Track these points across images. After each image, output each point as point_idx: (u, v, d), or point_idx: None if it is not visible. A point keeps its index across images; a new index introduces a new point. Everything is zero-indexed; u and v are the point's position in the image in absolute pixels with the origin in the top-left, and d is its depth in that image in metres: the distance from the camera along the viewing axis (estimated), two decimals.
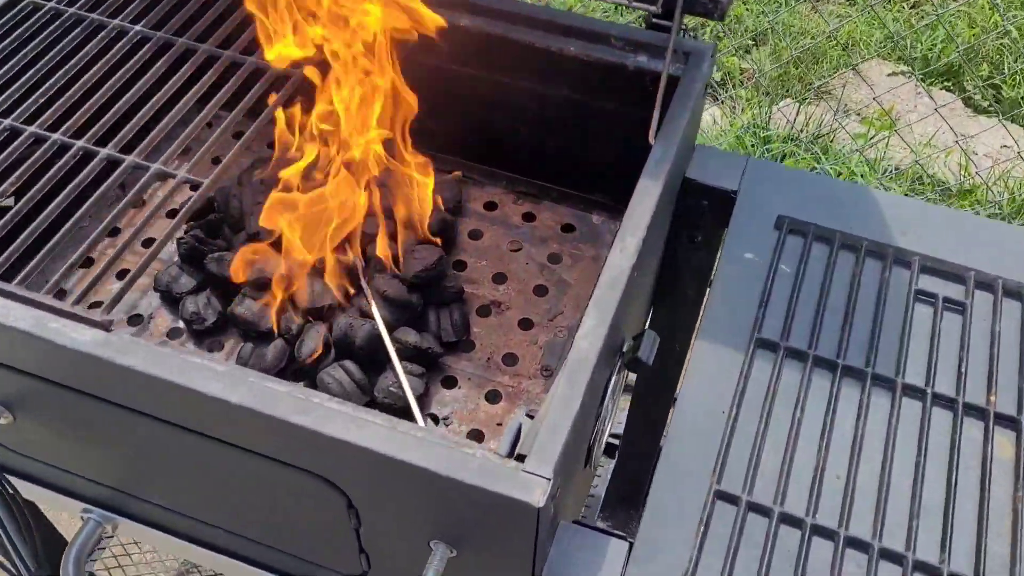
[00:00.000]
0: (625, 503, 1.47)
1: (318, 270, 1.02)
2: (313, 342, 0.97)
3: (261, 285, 1.01)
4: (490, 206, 1.21)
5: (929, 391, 0.87)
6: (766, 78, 2.64)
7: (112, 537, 1.03)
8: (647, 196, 0.86)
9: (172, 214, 1.01)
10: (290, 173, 1.00)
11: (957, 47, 2.58)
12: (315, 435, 0.69)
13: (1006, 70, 2.62)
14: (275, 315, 0.99)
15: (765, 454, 0.83)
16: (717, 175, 1.05)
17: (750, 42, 2.77)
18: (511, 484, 0.66)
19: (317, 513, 0.81)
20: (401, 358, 0.99)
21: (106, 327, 0.74)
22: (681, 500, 0.80)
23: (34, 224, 0.83)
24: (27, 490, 1.03)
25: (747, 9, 2.84)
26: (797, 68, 2.68)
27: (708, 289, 1.00)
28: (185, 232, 1.04)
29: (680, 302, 1.16)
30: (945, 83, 2.66)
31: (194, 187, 0.88)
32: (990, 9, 2.78)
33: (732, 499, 0.80)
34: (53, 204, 0.84)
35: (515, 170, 1.20)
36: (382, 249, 1.04)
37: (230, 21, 1.03)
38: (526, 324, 1.08)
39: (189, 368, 0.72)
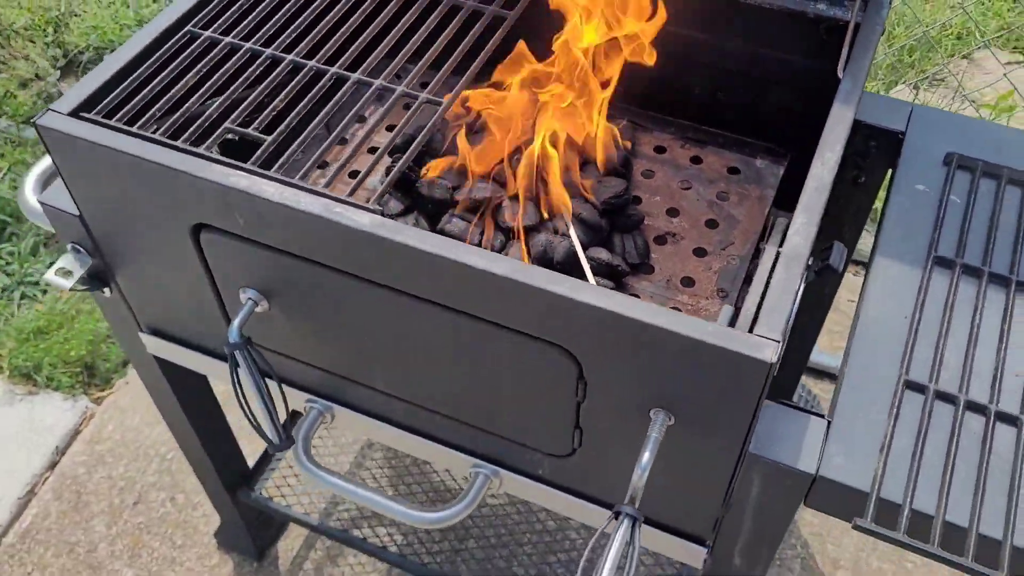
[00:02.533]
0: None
1: (518, 194, 1.14)
2: (516, 256, 1.09)
3: (469, 207, 1.14)
4: (659, 150, 1.31)
5: None
6: (880, 66, 2.69)
7: (331, 423, 1.15)
8: (841, 120, 0.95)
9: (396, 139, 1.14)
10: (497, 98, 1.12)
11: None
12: (570, 302, 0.80)
13: None
14: (482, 232, 1.11)
15: (948, 352, 0.92)
16: (886, 117, 1.14)
17: None
18: (746, 344, 0.77)
19: (545, 387, 0.92)
20: (594, 274, 1.10)
21: (381, 213, 0.87)
22: (872, 386, 0.89)
23: (304, 133, 0.96)
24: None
25: None
26: (911, 56, 2.73)
27: (879, 220, 1.09)
28: (392, 161, 1.17)
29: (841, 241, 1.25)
30: None
31: (436, 105, 1.01)
32: None
33: (920, 388, 0.89)
34: (317, 117, 0.98)
35: (684, 116, 1.30)
36: (577, 177, 1.15)
37: None
38: (700, 252, 1.18)
39: (455, 246, 0.84)
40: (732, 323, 0.90)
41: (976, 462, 0.84)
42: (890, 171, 1.15)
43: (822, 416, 0.88)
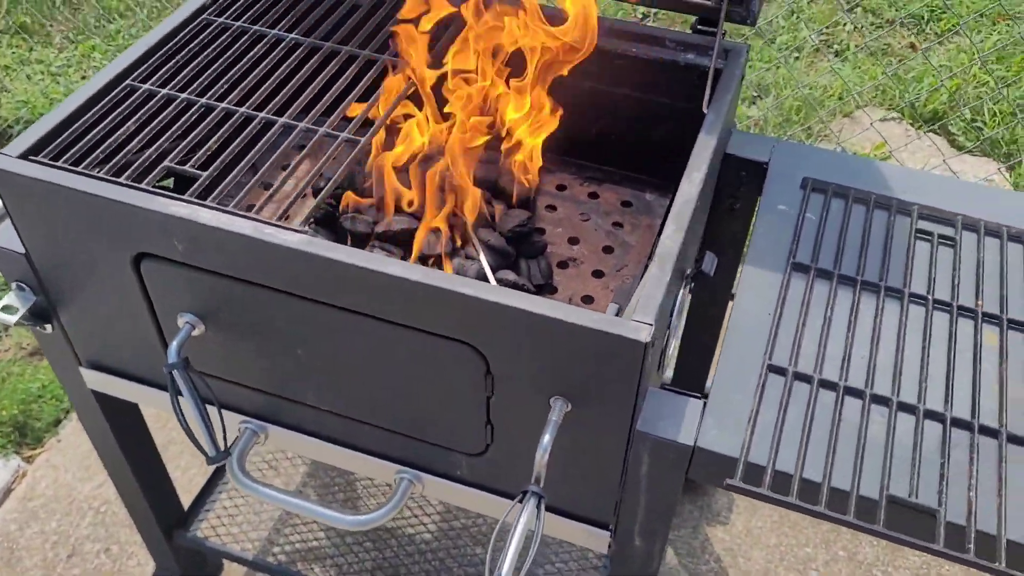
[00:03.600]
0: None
1: (432, 226, 1.26)
2: None
3: (387, 238, 1.26)
4: (561, 187, 1.46)
5: (930, 297, 1.11)
6: (770, 125, 2.93)
7: (264, 444, 1.24)
8: (706, 145, 1.11)
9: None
10: (404, 150, 1.26)
11: (941, 97, 2.89)
12: (475, 300, 0.92)
13: (986, 114, 2.92)
14: (402, 259, 1.23)
15: (804, 340, 1.06)
16: (752, 150, 1.31)
17: (755, 94, 3.08)
18: (623, 327, 0.90)
19: (457, 384, 1.03)
20: None
21: (307, 233, 0.98)
22: (742, 371, 1.03)
23: (236, 169, 1.08)
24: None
25: (750, 67, 3.16)
26: (798, 115, 2.98)
27: (748, 238, 1.24)
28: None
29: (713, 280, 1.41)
30: (932, 127, 2.96)
31: (353, 144, 1.14)
32: (969, 62, 3.11)
33: (780, 371, 1.03)
34: (245, 159, 1.10)
35: (582, 157, 1.46)
36: (487, 209, 1.29)
37: (368, 26, 1.30)
38: (598, 274, 1.32)
39: (376, 259, 0.96)
40: (617, 315, 1.03)
41: (828, 428, 0.98)
42: (759, 198, 1.31)
43: (699, 397, 1.01)
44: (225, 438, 1.16)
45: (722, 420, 0.99)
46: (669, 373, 1.71)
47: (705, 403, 1.01)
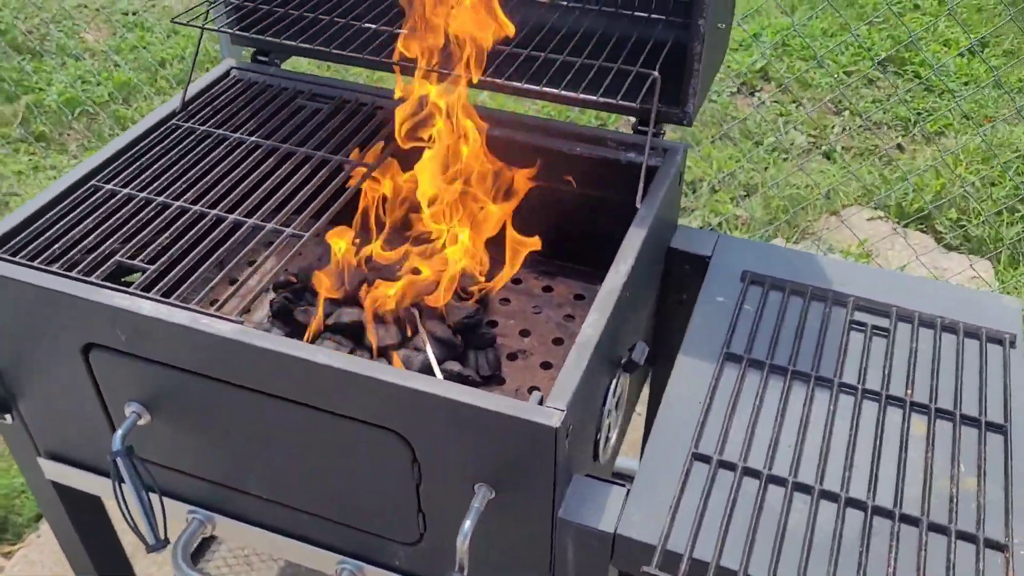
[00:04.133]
0: None
1: (382, 317, 1.30)
2: None
3: (339, 329, 1.30)
4: (516, 281, 1.50)
5: (860, 387, 1.13)
6: (757, 223, 2.98)
7: (209, 536, 1.25)
8: (635, 237, 1.15)
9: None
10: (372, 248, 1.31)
11: (927, 196, 2.94)
12: (398, 388, 0.95)
13: (971, 214, 2.96)
14: (351, 351, 1.26)
15: (732, 429, 1.08)
16: (695, 245, 1.35)
17: (743, 193, 3.14)
18: (535, 413, 0.92)
19: (386, 471, 1.05)
20: None
21: (241, 323, 1.02)
22: (667, 459, 1.04)
23: (184, 265, 1.13)
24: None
25: (739, 167, 3.23)
26: (785, 214, 3.03)
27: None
28: (275, 295, 1.34)
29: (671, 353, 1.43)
30: (919, 226, 2.99)
31: (297, 238, 1.19)
32: (954, 164, 3.16)
33: (706, 459, 1.04)
34: (191, 255, 1.15)
35: (536, 252, 1.50)
36: (434, 302, 1.32)
37: (323, 131, 1.37)
38: (547, 366, 1.35)
39: (304, 347, 1.00)
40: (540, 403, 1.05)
41: (750, 516, 0.98)
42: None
43: (623, 485, 1.02)
44: (166, 528, 1.17)
45: (644, 507, 1.00)
46: (622, 461, 1.70)
47: (629, 491, 1.02)
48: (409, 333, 1.31)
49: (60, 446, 1.32)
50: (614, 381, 1.15)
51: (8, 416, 1.29)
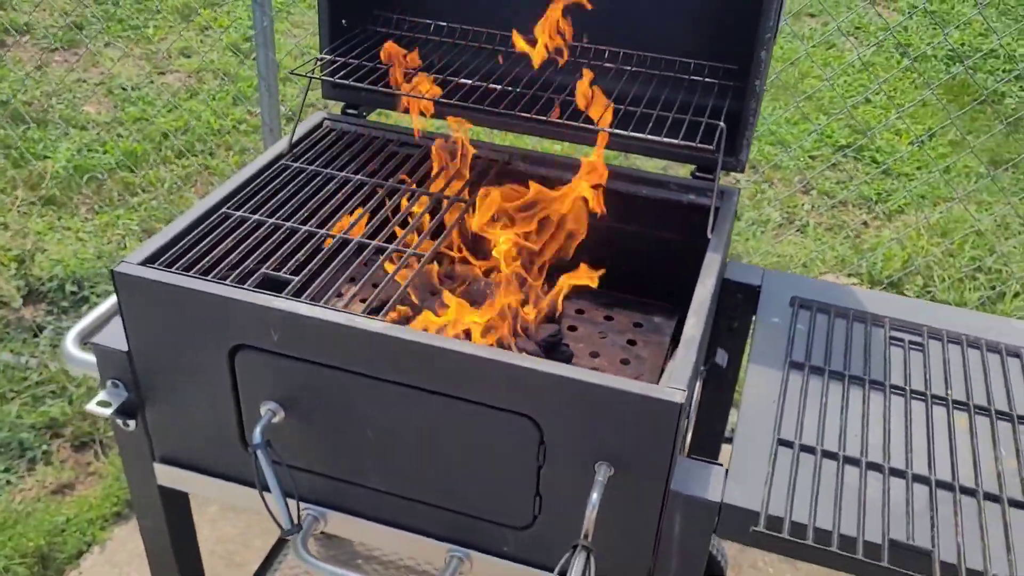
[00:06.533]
0: None
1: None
2: None
3: None
4: (579, 311, 1.67)
5: (908, 388, 1.31)
6: None
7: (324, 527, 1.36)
8: (714, 260, 1.34)
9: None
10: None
11: (895, 264, 3.22)
12: (535, 373, 1.11)
13: (936, 280, 3.24)
14: None
15: (806, 421, 1.25)
16: (746, 276, 1.54)
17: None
18: (660, 391, 1.08)
19: (513, 455, 1.19)
20: None
21: (386, 322, 1.17)
22: (755, 444, 1.21)
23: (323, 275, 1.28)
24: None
25: None
26: None
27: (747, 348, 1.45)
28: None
29: (723, 374, 1.61)
30: (892, 291, 3.26)
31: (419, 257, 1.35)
32: (916, 237, 3.46)
33: (788, 443, 1.21)
34: (328, 270, 1.30)
35: (598, 284, 1.68)
36: (524, 322, 1.49)
37: (419, 171, 1.55)
38: None
39: (449, 339, 1.15)
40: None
41: (833, 489, 1.15)
42: (754, 316, 1.53)
43: (721, 465, 1.18)
44: (299, 515, 1.28)
45: (742, 483, 1.16)
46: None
47: (727, 470, 1.18)
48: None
49: (178, 450, 1.42)
50: (697, 380, 1.32)
51: (132, 422, 1.39)
